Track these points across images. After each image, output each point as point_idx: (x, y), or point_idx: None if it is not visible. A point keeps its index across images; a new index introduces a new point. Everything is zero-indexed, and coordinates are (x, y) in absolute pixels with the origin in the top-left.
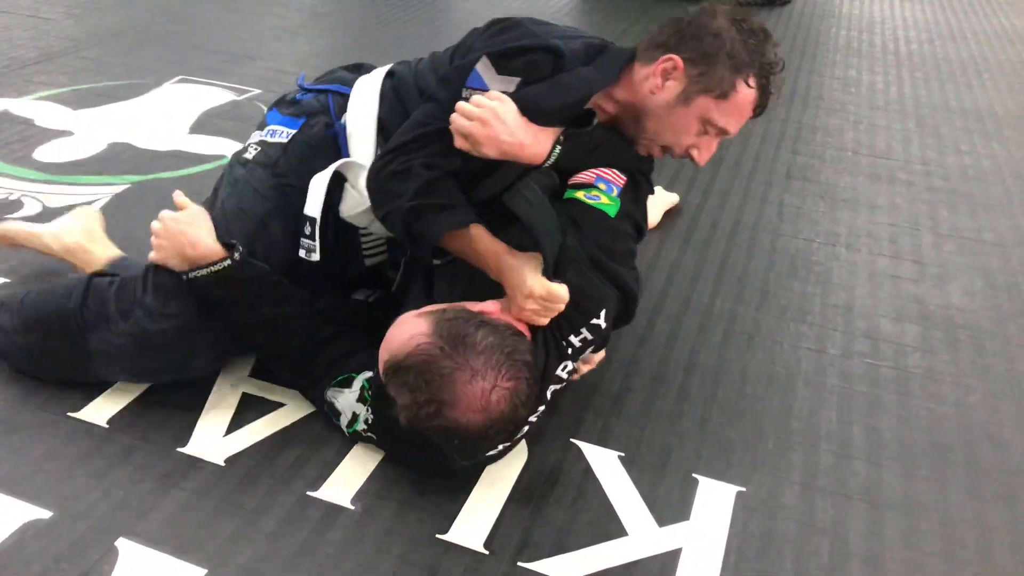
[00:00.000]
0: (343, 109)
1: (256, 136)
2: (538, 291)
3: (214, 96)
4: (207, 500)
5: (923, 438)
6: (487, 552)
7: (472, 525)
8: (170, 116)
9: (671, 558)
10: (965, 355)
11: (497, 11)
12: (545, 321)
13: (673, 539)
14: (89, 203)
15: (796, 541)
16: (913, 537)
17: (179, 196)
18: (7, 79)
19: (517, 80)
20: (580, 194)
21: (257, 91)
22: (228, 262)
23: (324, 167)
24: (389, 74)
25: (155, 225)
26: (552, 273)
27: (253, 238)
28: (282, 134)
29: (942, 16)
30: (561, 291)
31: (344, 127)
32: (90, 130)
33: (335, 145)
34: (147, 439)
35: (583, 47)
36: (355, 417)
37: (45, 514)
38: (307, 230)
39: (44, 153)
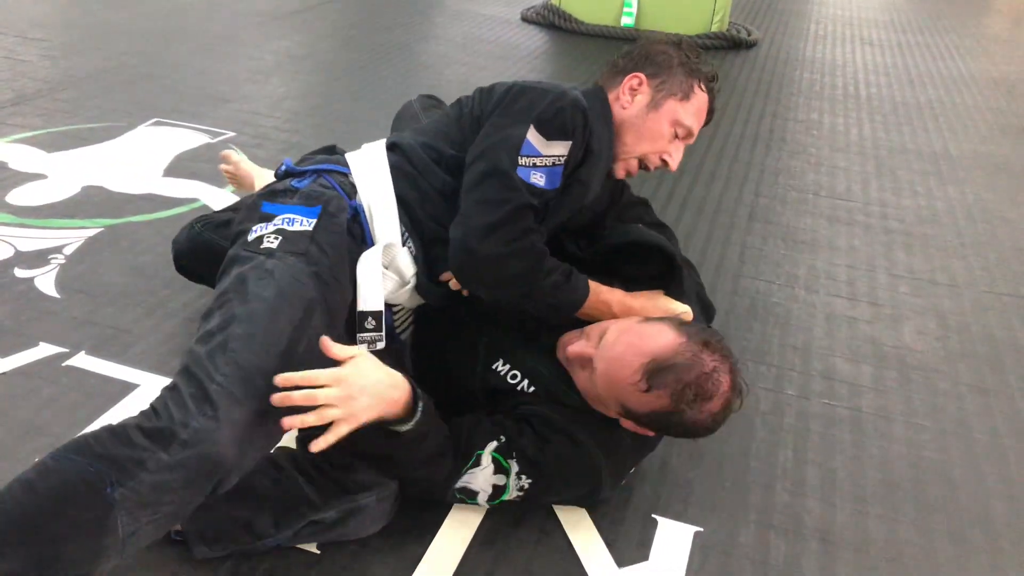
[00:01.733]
0: (352, 188)
1: (266, 227)
2: (687, 318)
3: (188, 139)
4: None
5: (875, 476)
6: None
7: (436, 567)
8: (144, 159)
9: None
10: (917, 395)
11: (469, 54)
12: None
13: None
14: (59, 248)
15: None
16: (865, 575)
17: (329, 344)
18: None
19: (569, 143)
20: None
21: (231, 133)
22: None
23: (354, 253)
24: (391, 147)
25: (331, 392)
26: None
27: (298, 330)
28: (302, 223)
29: (900, 60)
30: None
31: (361, 207)
32: (64, 173)
33: (360, 228)
34: None
35: (583, 93)
36: (498, 489)
37: None
38: (369, 324)
39: (17, 196)
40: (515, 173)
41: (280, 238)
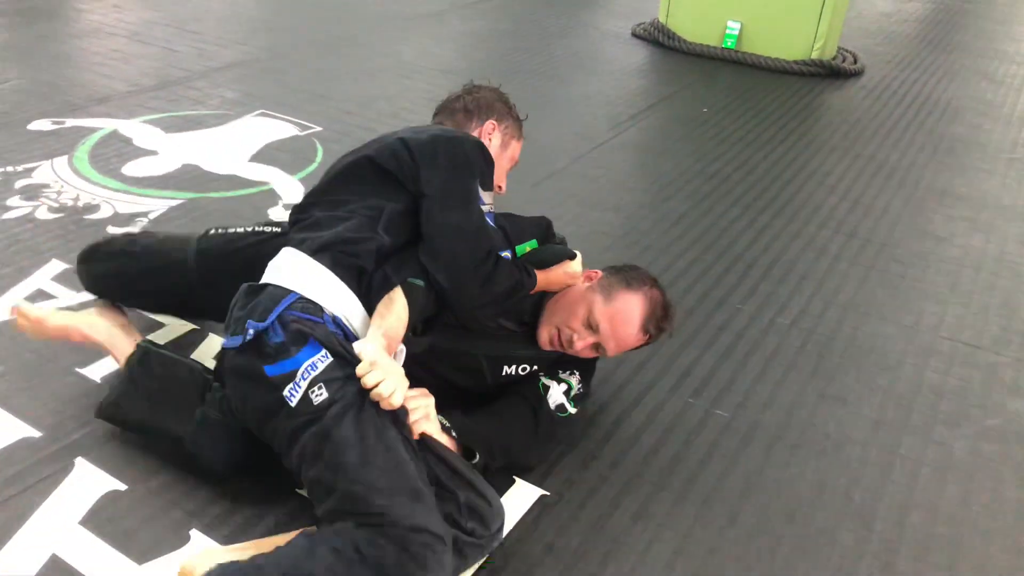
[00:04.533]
0: (315, 306)
1: (298, 386)
2: (580, 271)
3: (281, 130)
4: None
5: (719, 478)
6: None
7: None
8: (239, 144)
9: None
10: (814, 418)
11: (564, 68)
12: None
13: None
14: (146, 213)
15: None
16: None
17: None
18: (125, 102)
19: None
20: None
21: (318, 128)
22: None
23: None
24: (318, 250)
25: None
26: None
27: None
28: (322, 360)
29: (1010, 98)
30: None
31: (335, 316)
32: (172, 152)
33: (342, 331)
34: None
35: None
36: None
37: (36, 433)
38: None
39: (131, 168)
40: (485, 223)
41: (321, 384)
